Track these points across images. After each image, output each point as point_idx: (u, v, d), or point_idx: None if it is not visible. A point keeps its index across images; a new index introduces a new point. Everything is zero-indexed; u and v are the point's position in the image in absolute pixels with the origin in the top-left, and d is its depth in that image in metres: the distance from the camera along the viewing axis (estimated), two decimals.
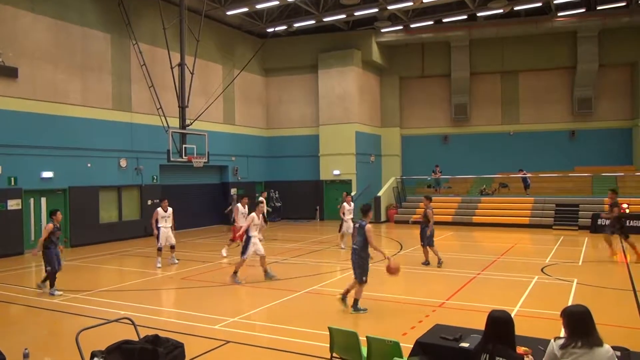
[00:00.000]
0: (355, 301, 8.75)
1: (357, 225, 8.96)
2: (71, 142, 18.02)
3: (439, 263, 13.01)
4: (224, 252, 15.34)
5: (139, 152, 20.59)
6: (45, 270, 10.60)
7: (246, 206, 15.47)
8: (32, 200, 17.08)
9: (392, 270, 8.53)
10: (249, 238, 11.43)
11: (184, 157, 20.14)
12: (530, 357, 3.92)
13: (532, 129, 27.83)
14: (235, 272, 11.48)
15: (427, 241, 13.10)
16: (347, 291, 8.94)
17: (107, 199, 19.60)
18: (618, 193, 11.40)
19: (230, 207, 21.23)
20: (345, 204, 16.39)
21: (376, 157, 29.30)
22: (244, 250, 11.47)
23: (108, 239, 19.01)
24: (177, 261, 14.13)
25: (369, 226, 8.66)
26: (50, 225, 10.50)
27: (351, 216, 16.26)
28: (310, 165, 27.77)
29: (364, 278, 8.73)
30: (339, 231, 16.71)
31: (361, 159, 27.23)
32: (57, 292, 10.38)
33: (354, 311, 8.67)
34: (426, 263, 13.25)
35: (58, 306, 9.55)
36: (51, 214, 10.84)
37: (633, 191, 23.30)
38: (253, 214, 11.58)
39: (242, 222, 14.53)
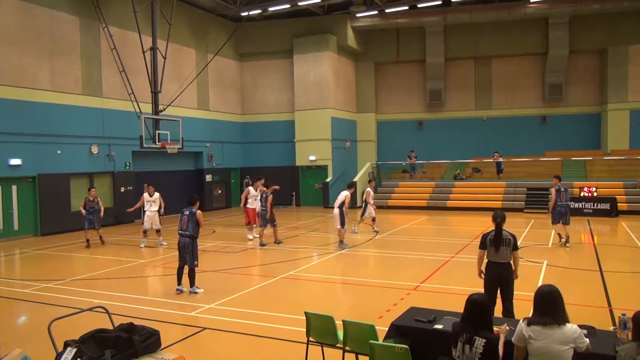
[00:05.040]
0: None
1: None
2: (40, 128, 17.52)
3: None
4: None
5: (111, 138, 20.17)
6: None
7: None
8: None
9: None
10: (342, 212, 13.66)
11: (157, 143, 19.81)
12: (506, 327, 4.06)
13: (505, 114, 28.25)
14: (341, 241, 13.78)
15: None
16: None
17: (79, 186, 19.16)
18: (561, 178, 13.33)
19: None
20: (369, 189, 17.03)
21: (352, 142, 29.36)
22: (342, 222, 13.64)
23: (80, 227, 18.57)
24: (165, 243, 14.68)
25: None
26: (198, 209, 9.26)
27: (372, 201, 16.93)
28: (285, 151, 27.67)
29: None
30: (362, 217, 17.03)
31: (337, 144, 27.25)
32: (197, 290, 9.24)
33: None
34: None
35: (30, 296, 9.38)
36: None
37: (601, 175, 24.00)
38: (347, 193, 13.87)
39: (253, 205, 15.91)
